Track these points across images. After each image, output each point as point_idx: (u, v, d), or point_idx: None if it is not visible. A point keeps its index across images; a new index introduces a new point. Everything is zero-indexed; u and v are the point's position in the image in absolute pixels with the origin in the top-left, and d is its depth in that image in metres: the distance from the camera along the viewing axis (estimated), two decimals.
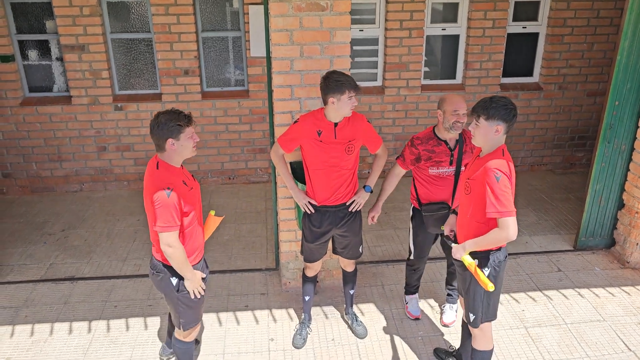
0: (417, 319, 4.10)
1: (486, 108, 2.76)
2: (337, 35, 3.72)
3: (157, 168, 2.88)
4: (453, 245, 3.09)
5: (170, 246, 2.84)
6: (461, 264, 3.03)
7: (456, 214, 3.28)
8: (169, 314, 3.45)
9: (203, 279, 3.12)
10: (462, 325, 3.46)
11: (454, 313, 4.09)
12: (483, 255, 2.96)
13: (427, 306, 4.25)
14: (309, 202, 3.54)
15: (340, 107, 3.23)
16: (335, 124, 3.36)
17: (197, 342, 3.78)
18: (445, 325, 4.03)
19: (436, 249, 4.61)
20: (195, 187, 3.04)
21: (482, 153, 2.91)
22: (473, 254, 2.97)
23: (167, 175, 2.85)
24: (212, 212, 3.33)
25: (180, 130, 2.83)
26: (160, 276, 3.04)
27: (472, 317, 3.10)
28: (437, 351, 3.76)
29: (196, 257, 3.10)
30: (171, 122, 2.80)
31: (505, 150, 2.84)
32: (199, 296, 3.09)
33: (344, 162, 3.42)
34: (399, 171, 3.69)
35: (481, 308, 3.06)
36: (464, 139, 3.56)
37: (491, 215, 2.75)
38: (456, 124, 3.40)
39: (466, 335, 3.41)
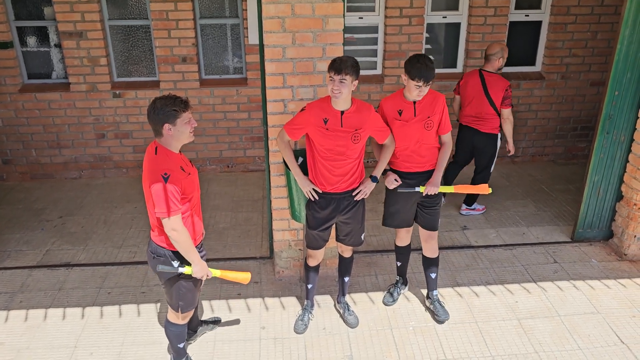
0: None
1: None
2: (330, 22, 3.67)
3: (156, 153, 2.90)
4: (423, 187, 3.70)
5: (175, 229, 2.88)
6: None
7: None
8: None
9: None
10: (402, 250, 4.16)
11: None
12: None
13: (421, 296, 4.24)
14: (313, 189, 3.53)
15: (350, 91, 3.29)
16: (342, 112, 3.34)
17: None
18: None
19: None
20: (193, 172, 3.05)
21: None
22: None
23: (165, 161, 2.87)
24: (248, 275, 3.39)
25: (177, 115, 2.83)
26: (161, 260, 3.05)
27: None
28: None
29: (194, 242, 3.12)
30: (167, 107, 2.81)
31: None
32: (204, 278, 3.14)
33: (349, 150, 3.39)
34: None
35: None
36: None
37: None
38: None
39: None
